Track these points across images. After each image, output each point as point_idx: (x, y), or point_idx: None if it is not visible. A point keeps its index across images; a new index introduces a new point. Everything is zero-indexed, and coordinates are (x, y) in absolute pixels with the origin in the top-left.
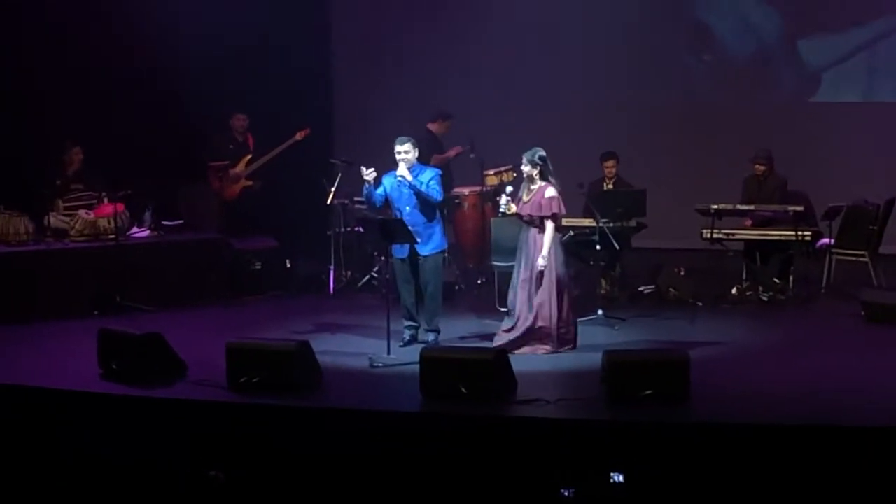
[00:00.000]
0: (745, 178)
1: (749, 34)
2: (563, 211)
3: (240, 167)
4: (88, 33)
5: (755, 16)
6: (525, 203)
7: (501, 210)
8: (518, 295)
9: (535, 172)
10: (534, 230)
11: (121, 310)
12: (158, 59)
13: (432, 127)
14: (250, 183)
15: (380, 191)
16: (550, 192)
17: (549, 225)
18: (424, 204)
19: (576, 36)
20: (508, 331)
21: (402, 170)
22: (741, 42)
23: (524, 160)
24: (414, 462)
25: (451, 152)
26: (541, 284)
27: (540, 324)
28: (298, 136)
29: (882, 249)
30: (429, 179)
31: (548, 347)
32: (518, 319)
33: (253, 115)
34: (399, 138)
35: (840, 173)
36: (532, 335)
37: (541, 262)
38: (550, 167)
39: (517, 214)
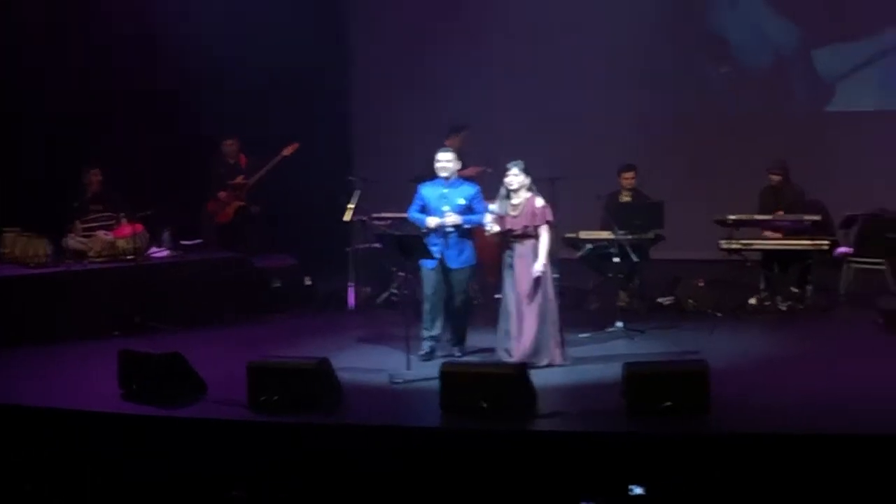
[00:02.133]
0: (761, 190)
1: (765, 45)
2: (554, 220)
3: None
4: (109, 55)
5: (770, 27)
6: (515, 217)
7: (487, 231)
8: (515, 311)
9: (527, 182)
10: (527, 242)
11: (141, 330)
12: (177, 79)
13: (449, 143)
14: (243, 203)
15: (420, 214)
16: (540, 200)
17: (545, 232)
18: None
19: (592, 49)
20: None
21: (453, 218)
22: (757, 53)
23: (515, 170)
24: (435, 477)
25: (470, 171)
26: (542, 292)
27: (551, 328)
28: (286, 152)
29: None
30: (471, 196)
31: (556, 360)
32: (518, 335)
33: (271, 134)
34: (442, 148)
35: (857, 182)
36: (539, 345)
37: (539, 267)
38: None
39: (507, 231)
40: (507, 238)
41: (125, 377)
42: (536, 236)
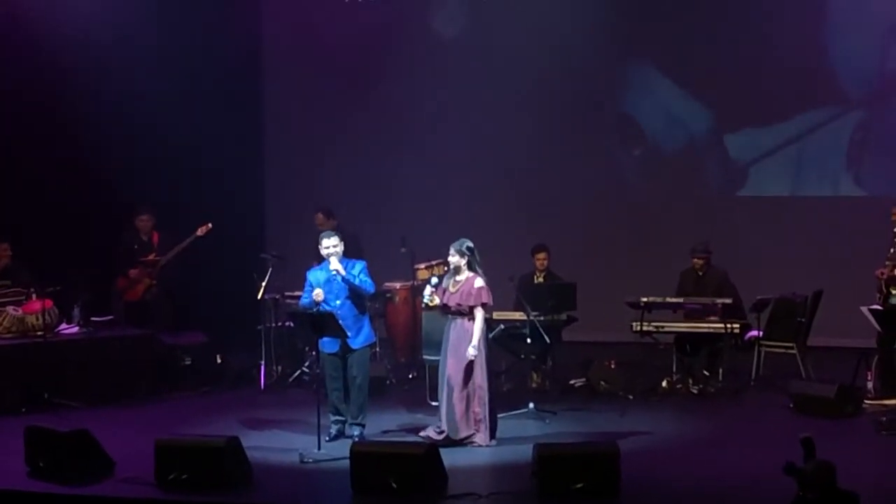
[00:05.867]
0: (682, 271)
1: (677, 129)
2: (492, 302)
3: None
4: (17, 123)
5: (683, 111)
6: (453, 293)
7: (425, 302)
8: (446, 387)
9: (462, 263)
10: (461, 320)
11: (49, 407)
12: (88, 154)
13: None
14: (154, 281)
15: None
16: (479, 282)
17: (479, 313)
18: (355, 297)
19: (506, 130)
20: (440, 432)
21: (336, 264)
22: (670, 136)
23: (452, 250)
24: None
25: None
26: (471, 372)
27: (476, 409)
28: (200, 232)
29: (810, 341)
30: (359, 272)
31: (479, 441)
32: (448, 412)
33: (184, 211)
34: (325, 233)
35: (768, 266)
36: (465, 424)
37: (471, 351)
38: (478, 258)
39: (443, 305)
40: (444, 312)
41: (32, 454)
42: (472, 316)
